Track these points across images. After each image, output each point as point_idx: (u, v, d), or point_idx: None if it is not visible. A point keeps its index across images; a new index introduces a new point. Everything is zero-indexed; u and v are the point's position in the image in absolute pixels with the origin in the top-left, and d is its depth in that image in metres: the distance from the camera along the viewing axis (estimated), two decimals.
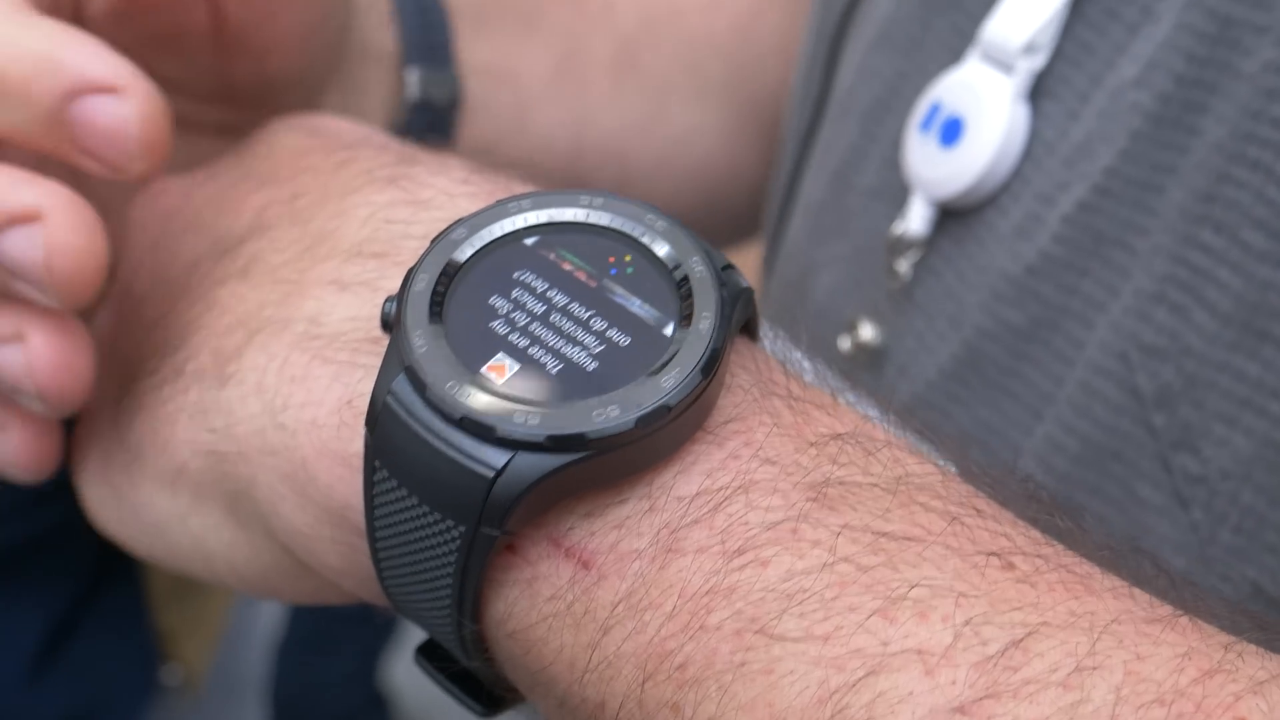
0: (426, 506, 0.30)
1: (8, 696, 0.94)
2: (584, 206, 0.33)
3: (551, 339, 0.31)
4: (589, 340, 0.31)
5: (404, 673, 1.40)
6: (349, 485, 0.32)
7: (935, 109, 0.45)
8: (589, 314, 0.31)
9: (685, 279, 0.31)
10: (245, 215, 0.38)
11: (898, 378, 0.46)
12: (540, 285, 0.32)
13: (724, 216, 0.65)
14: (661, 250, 0.32)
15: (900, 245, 0.46)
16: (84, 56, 0.35)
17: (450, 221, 0.33)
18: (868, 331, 0.48)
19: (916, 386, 0.45)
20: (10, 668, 0.95)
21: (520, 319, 0.31)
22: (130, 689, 1.04)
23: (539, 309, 0.31)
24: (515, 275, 0.32)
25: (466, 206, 0.35)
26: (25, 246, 0.34)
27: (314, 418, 0.33)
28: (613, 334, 0.31)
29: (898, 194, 0.47)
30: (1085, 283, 0.41)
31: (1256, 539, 0.37)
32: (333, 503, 0.33)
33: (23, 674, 0.95)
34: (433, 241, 0.32)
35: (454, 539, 0.30)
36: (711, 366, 0.30)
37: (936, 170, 0.45)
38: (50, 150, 0.36)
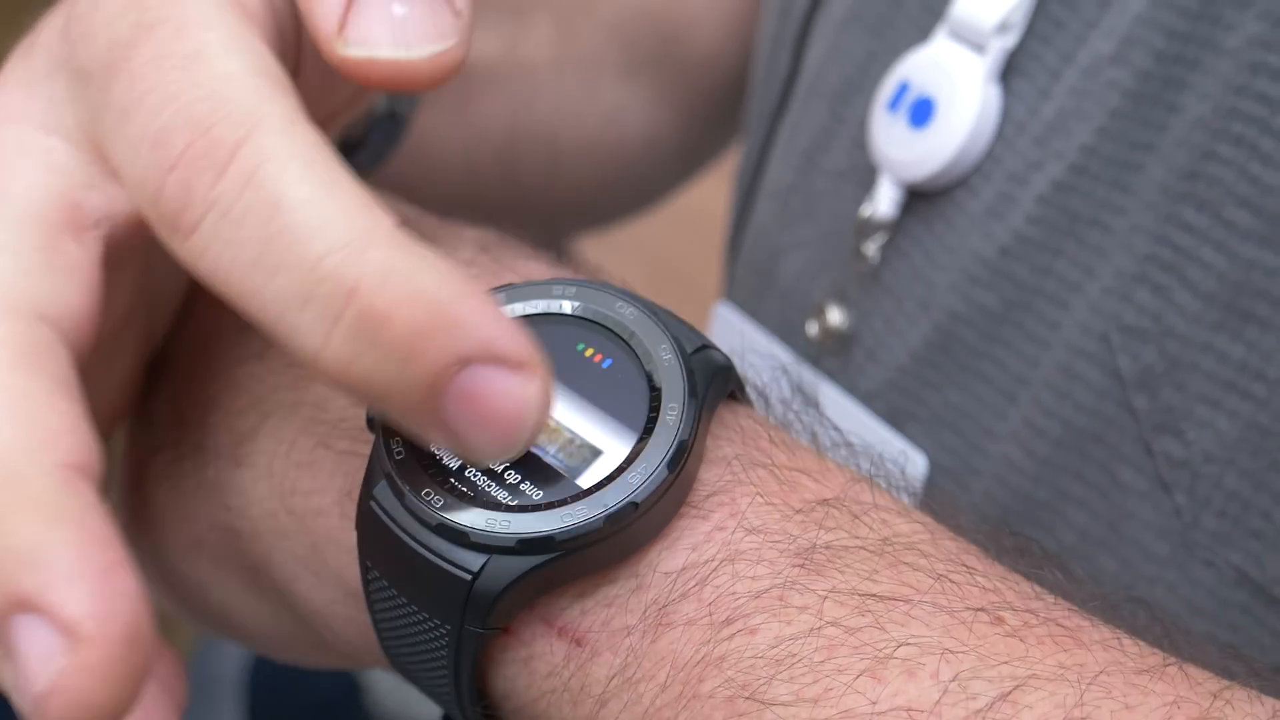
0: (414, 606, 0.31)
1: None
2: (557, 297, 0.33)
3: None
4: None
5: None
6: (355, 572, 0.33)
7: (904, 88, 0.44)
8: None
9: (652, 370, 0.32)
10: None
11: (867, 362, 0.46)
12: None
13: (637, 192, 0.65)
14: (630, 339, 0.32)
15: (868, 227, 0.45)
16: (488, 318, 0.26)
17: None
18: (835, 316, 0.47)
19: (887, 371, 0.45)
20: None
21: None
22: None
23: None
24: None
25: None
26: (34, 651, 0.24)
27: (319, 506, 0.33)
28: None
29: (866, 176, 0.46)
30: (1059, 263, 0.40)
31: (1240, 524, 0.36)
32: (344, 584, 0.33)
33: None
34: None
35: (443, 635, 0.30)
36: (679, 459, 0.30)
37: (906, 152, 0.44)
38: (399, 413, 0.27)
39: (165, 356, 0.39)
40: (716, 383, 0.32)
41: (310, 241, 0.26)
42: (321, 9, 0.30)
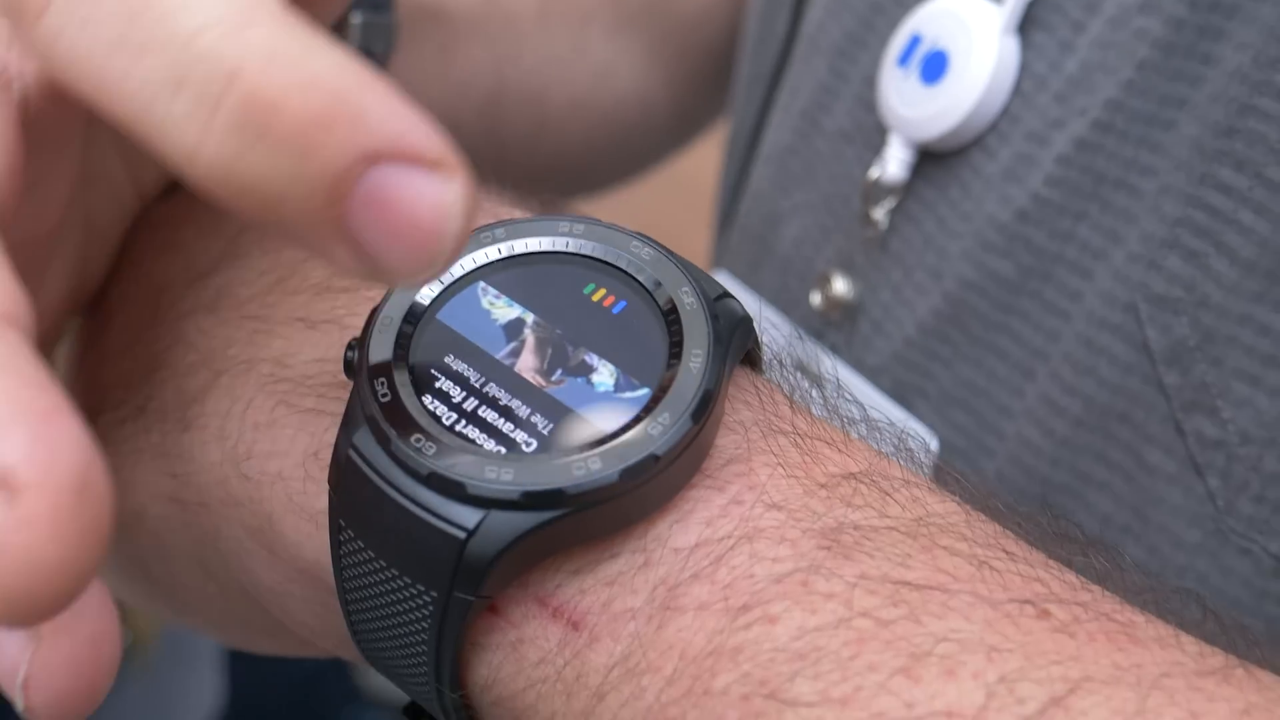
0: (395, 570, 0.27)
1: None
2: (564, 234, 0.30)
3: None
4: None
5: None
6: (318, 543, 0.29)
7: (915, 41, 0.42)
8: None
9: (674, 312, 0.29)
10: (220, 238, 0.34)
11: (873, 335, 0.43)
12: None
13: (628, 156, 0.62)
14: (647, 281, 0.29)
15: (876, 191, 0.43)
16: (395, 110, 0.23)
17: None
18: (840, 285, 0.44)
19: (894, 344, 0.42)
20: None
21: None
22: None
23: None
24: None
25: None
26: None
27: (279, 470, 0.30)
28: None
29: (871, 136, 0.44)
30: (1082, 228, 0.37)
31: None
32: (302, 561, 0.30)
33: None
34: None
35: (427, 604, 0.27)
36: (704, 410, 0.27)
37: (917, 109, 0.41)
38: (295, 225, 0.24)
39: (105, 309, 0.36)
40: (739, 335, 0.29)
41: (180, 16, 0.23)
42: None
